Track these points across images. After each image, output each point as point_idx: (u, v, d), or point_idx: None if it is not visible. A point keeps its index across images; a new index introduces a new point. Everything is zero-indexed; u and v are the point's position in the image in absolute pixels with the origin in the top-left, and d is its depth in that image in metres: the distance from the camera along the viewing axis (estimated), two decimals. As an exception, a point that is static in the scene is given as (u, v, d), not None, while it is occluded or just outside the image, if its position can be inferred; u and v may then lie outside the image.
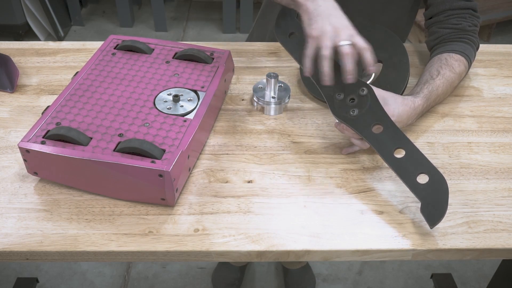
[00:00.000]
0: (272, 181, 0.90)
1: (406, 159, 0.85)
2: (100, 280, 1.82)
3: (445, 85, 1.02)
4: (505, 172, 0.93)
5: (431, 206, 0.80)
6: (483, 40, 3.10)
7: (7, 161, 0.92)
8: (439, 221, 0.79)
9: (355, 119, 0.89)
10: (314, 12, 0.90)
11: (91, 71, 0.98)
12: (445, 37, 1.09)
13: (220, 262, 1.80)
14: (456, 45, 1.07)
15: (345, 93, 0.91)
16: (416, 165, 0.84)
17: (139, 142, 0.82)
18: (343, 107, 0.91)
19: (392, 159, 0.85)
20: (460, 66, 1.05)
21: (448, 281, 1.70)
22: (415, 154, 0.85)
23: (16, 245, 0.79)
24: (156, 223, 0.82)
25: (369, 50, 0.88)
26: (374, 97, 0.89)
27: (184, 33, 3.18)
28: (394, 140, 0.86)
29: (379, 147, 0.87)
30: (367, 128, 0.88)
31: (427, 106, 1.00)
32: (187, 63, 1.02)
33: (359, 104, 0.90)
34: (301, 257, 0.81)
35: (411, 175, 0.83)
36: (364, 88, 0.89)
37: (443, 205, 0.80)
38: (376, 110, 0.88)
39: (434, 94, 1.00)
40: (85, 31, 3.17)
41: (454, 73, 1.03)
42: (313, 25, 0.90)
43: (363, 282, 1.84)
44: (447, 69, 1.03)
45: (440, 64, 1.04)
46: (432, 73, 1.02)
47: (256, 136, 0.99)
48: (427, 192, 0.82)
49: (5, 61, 1.13)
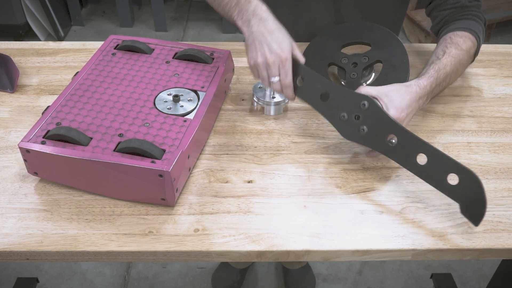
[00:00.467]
0: (272, 181, 0.90)
1: (430, 164, 0.81)
2: (100, 280, 1.82)
3: (453, 63, 0.98)
4: (505, 172, 0.93)
5: (470, 205, 0.78)
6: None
7: (7, 161, 0.92)
8: (481, 218, 0.77)
9: (367, 137, 0.86)
10: (248, 39, 0.89)
11: (91, 71, 0.98)
12: (447, 18, 1.07)
13: (220, 263, 1.80)
14: (459, 23, 1.04)
15: (347, 112, 0.88)
16: (442, 167, 0.80)
17: (139, 142, 0.82)
18: (351, 127, 0.88)
19: (417, 167, 0.82)
20: (466, 42, 1.00)
21: (448, 281, 1.70)
22: (437, 157, 0.80)
23: (16, 245, 0.79)
24: (156, 223, 0.82)
25: (289, 87, 0.89)
26: (377, 107, 0.85)
27: (184, 33, 3.18)
28: (412, 147, 0.82)
29: (400, 159, 0.84)
30: (382, 142, 0.85)
31: (437, 85, 0.96)
32: (187, 63, 1.02)
33: (365, 120, 0.86)
34: (301, 257, 0.81)
35: (440, 179, 0.80)
36: (364, 101, 0.85)
37: (482, 201, 0.76)
38: (384, 121, 0.84)
39: (443, 72, 0.96)
40: (85, 31, 3.17)
41: (461, 50, 0.99)
42: (248, 54, 0.90)
43: (363, 282, 1.84)
44: (452, 47, 0.99)
45: (445, 44, 1.01)
46: (438, 54, 0.99)
47: (256, 136, 0.99)
48: (461, 192, 0.79)
49: (5, 61, 1.13)
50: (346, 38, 1.12)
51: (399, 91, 0.90)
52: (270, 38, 0.87)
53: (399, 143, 0.83)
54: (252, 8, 0.90)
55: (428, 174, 0.82)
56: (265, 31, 0.87)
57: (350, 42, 1.12)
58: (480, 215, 0.78)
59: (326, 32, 1.14)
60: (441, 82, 0.97)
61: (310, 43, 1.14)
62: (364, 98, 0.85)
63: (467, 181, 0.77)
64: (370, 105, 0.85)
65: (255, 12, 0.89)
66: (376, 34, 1.10)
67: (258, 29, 0.87)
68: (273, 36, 0.87)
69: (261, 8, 0.90)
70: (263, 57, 0.87)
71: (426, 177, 0.82)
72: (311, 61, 1.12)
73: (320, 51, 1.12)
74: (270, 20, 0.89)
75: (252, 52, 0.88)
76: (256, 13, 0.89)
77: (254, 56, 0.88)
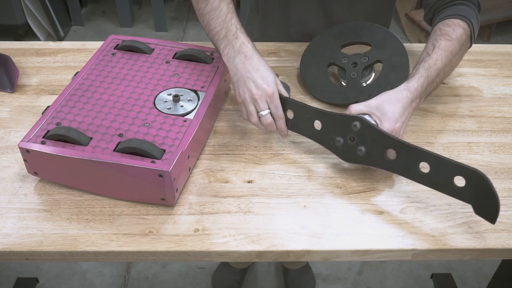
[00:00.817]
0: (272, 181, 0.90)
1: (433, 171, 0.80)
2: (100, 280, 1.82)
3: (444, 56, 0.95)
4: (505, 172, 0.93)
5: (482, 204, 0.77)
6: (483, 40, 3.10)
7: (7, 161, 0.92)
8: (497, 215, 0.76)
9: (366, 157, 0.86)
10: (234, 77, 0.91)
11: (91, 71, 0.98)
12: (436, 7, 1.04)
13: (221, 263, 1.80)
14: (448, 10, 1.01)
15: (341, 135, 0.87)
16: (446, 172, 0.78)
17: (139, 142, 0.82)
18: (349, 150, 0.87)
19: (421, 177, 0.81)
20: (456, 30, 0.97)
21: (448, 281, 1.70)
22: (439, 162, 0.79)
23: (16, 245, 0.79)
24: (156, 223, 0.82)
25: (282, 119, 0.90)
26: (369, 126, 0.84)
27: (184, 33, 3.18)
28: (413, 157, 0.81)
29: (403, 172, 0.83)
30: (382, 159, 0.84)
31: (430, 83, 0.93)
32: (187, 63, 1.02)
33: (360, 140, 0.85)
34: (301, 257, 0.81)
35: (447, 183, 0.79)
36: (356, 122, 0.84)
37: (493, 197, 0.75)
38: (379, 138, 0.83)
39: (434, 69, 0.93)
40: (85, 31, 3.17)
41: (451, 40, 0.96)
42: (235, 90, 0.91)
43: (363, 282, 1.84)
44: (442, 40, 0.96)
45: (435, 37, 0.98)
46: (428, 50, 0.96)
47: (256, 136, 0.99)
48: (471, 193, 0.78)
49: (5, 61, 1.13)
50: (346, 38, 1.12)
51: (389, 101, 0.88)
52: (256, 74, 0.88)
53: (398, 156, 0.83)
54: (238, 45, 0.91)
55: (434, 182, 0.81)
56: (250, 68, 0.89)
57: (350, 42, 1.12)
58: (495, 212, 0.76)
59: (326, 32, 1.14)
60: (434, 79, 0.94)
61: (310, 43, 1.14)
62: (355, 119, 0.85)
63: (474, 180, 0.76)
64: (361, 124, 0.84)
65: (241, 50, 0.91)
66: (376, 34, 1.10)
67: (244, 66, 0.89)
68: (258, 72, 0.88)
69: (246, 46, 0.91)
70: (250, 92, 0.88)
71: (433, 184, 0.81)
72: (311, 61, 1.12)
73: (320, 51, 1.12)
74: (255, 58, 0.90)
75: (239, 88, 0.90)
76: (242, 51, 0.91)
77: (241, 92, 0.89)
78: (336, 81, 1.12)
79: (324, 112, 0.89)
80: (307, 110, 0.90)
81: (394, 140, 0.82)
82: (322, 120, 0.89)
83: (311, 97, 1.09)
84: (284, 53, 1.21)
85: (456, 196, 0.80)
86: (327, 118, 0.89)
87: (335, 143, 0.88)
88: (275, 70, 1.14)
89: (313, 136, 0.92)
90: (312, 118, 0.90)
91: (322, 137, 0.91)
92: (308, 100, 1.08)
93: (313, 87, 1.09)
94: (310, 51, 1.13)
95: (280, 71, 1.15)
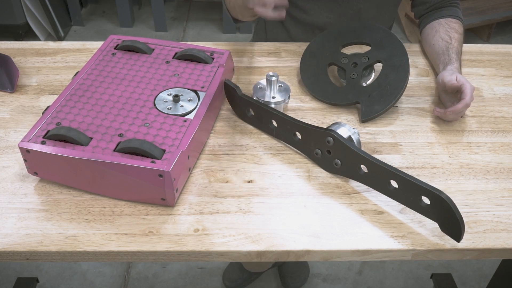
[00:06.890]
0: (272, 181, 0.90)
1: (400, 189, 0.82)
2: (100, 280, 1.82)
3: (459, 44, 1.13)
4: (505, 172, 0.93)
5: (446, 224, 0.78)
6: (483, 40, 3.10)
7: (7, 161, 0.92)
8: (461, 235, 0.77)
9: (342, 169, 0.88)
10: None
11: (91, 71, 0.98)
12: (436, 5, 1.20)
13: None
14: (446, 10, 1.19)
15: (319, 148, 0.90)
16: (412, 191, 0.80)
17: (139, 142, 0.82)
18: (326, 162, 0.91)
19: (391, 192, 0.84)
20: (460, 28, 1.17)
21: (448, 281, 1.70)
22: (405, 182, 0.80)
23: (16, 245, 0.79)
24: (156, 223, 0.82)
25: None
26: (340, 142, 0.86)
27: (184, 33, 3.18)
28: (382, 174, 0.83)
29: (376, 186, 0.86)
30: (356, 173, 0.86)
31: (460, 65, 1.10)
32: (187, 63, 1.02)
33: (335, 154, 0.88)
34: (301, 257, 0.81)
35: (414, 201, 0.81)
36: (329, 138, 0.87)
37: (455, 220, 0.76)
38: (351, 154, 0.85)
39: (458, 53, 1.11)
40: (85, 31, 3.17)
41: (459, 34, 1.16)
42: None
43: (363, 282, 1.84)
44: (453, 32, 1.15)
45: (444, 29, 1.15)
46: (445, 39, 1.13)
47: (256, 136, 0.99)
48: (434, 212, 0.79)
49: (5, 61, 1.13)
50: (346, 38, 1.12)
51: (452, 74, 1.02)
52: None
53: (369, 172, 0.85)
54: None
55: (402, 199, 0.83)
56: None
57: (350, 42, 1.12)
58: (459, 233, 0.77)
59: (326, 32, 1.14)
60: (460, 62, 1.11)
61: (310, 43, 1.14)
62: (328, 135, 0.87)
63: (436, 202, 0.78)
64: (334, 140, 0.87)
65: None
66: (376, 34, 1.10)
67: None
68: None
69: None
70: None
71: (402, 201, 0.83)
72: (311, 61, 1.12)
73: (320, 51, 1.12)
74: None
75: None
76: None
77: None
78: (336, 81, 1.12)
79: (301, 125, 0.91)
80: (287, 122, 0.93)
81: (363, 158, 0.84)
82: (301, 133, 0.92)
83: (311, 97, 1.09)
84: (284, 53, 1.21)
85: (423, 214, 0.81)
86: (304, 131, 0.91)
87: (315, 154, 0.92)
88: (275, 70, 1.15)
89: (296, 145, 0.95)
90: (292, 129, 0.93)
91: (303, 148, 0.94)
92: (308, 100, 1.08)
93: (313, 87, 1.09)
94: (310, 51, 1.13)
95: (280, 71, 1.15)
